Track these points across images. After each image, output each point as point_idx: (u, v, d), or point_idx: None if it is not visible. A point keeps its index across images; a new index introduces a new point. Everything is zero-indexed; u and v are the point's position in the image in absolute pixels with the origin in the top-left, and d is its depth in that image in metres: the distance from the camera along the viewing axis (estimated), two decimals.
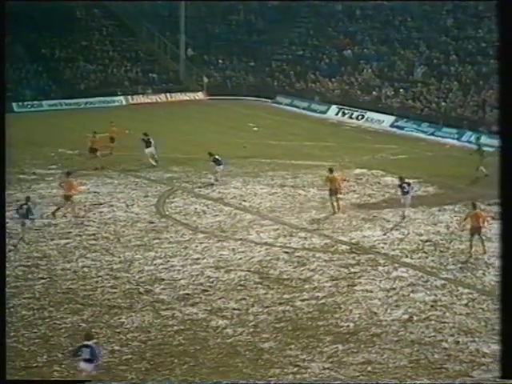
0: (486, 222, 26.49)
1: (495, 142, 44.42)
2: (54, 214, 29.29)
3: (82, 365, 17.66)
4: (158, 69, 61.70)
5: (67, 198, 29.48)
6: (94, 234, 27.79)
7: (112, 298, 22.56)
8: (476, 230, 26.33)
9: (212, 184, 34.40)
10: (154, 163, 36.72)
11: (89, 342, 17.80)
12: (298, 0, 64.59)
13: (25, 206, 26.91)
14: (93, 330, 20.25)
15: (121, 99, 57.17)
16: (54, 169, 35.88)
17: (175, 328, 20.71)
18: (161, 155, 37.60)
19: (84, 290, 23.02)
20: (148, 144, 36.89)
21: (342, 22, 63.30)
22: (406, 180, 30.56)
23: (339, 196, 30.99)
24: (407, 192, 30.17)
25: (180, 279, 23.95)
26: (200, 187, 34.30)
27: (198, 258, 25.66)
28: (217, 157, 34.57)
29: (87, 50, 60.95)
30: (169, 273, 24.43)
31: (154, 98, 58.13)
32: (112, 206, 31.22)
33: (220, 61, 63.21)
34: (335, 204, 30.70)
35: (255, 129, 47.45)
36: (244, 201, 32.36)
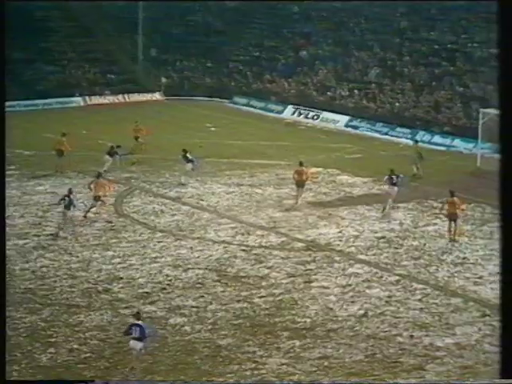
0: (461, 209, 27.83)
1: (448, 141, 45.41)
2: (85, 215, 29.38)
3: (132, 343, 18.51)
4: (116, 70, 61.51)
5: (96, 198, 29.61)
6: (51, 234, 27.80)
7: (70, 297, 22.65)
8: (453, 216, 27.65)
9: (183, 184, 34.51)
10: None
11: (138, 322, 18.53)
12: (254, 0, 64.79)
13: (67, 198, 27.74)
14: (51, 329, 20.40)
15: (79, 100, 56.90)
16: (12, 170, 35.75)
17: None
18: None
19: (42, 290, 23.07)
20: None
21: (297, 23, 63.67)
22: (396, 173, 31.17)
23: (304, 189, 31.84)
24: (395, 184, 30.84)
25: (138, 278, 24.11)
26: (158, 186, 34.43)
27: (156, 257, 25.84)
28: (187, 155, 34.68)
29: (45, 51, 60.56)
30: (127, 271, 24.57)
31: (111, 99, 57.96)
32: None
33: (178, 61, 63.20)
34: (298, 196, 31.48)
35: (212, 129, 47.63)
36: (201, 200, 32.57)
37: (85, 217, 29.29)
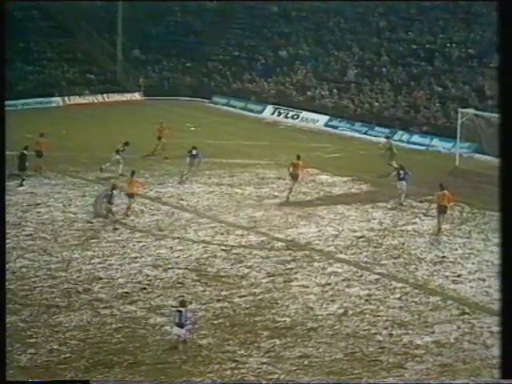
0: (451, 202, 28.58)
1: (426, 141, 45.67)
2: (126, 213, 29.79)
3: (175, 329, 19.21)
4: (96, 70, 61.33)
5: (130, 196, 29.94)
6: (31, 235, 27.73)
7: (50, 297, 22.59)
8: (442, 209, 28.31)
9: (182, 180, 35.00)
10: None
11: (181, 308, 19.18)
12: (234, 0, 64.84)
13: (109, 193, 28.94)
14: (31, 330, 20.34)
15: (58, 100, 56.69)
16: None
17: (114, 326, 20.84)
18: (98, 155, 37.53)
19: (22, 290, 22.99)
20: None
21: (277, 23, 63.79)
22: (404, 169, 32.43)
23: (297, 182, 32.80)
24: (403, 178, 31.99)
25: (118, 278, 24.09)
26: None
27: (135, 257, 25.82)
28: (193, 151, 35.28)
29: (25, 51, 60.27)
30: (107, 271, 24.54)
31: (91, 99, 57.81)
32: (49, 206, 31.12)
33: (157, 61, 63.14)
34: (292, 189, 32.44)
35: (192, 128, 47.62)
36: (181, 199, 32.58)
37: (127, 215, 29.75)
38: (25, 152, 34.34)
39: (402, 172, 32.29)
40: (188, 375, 18.44)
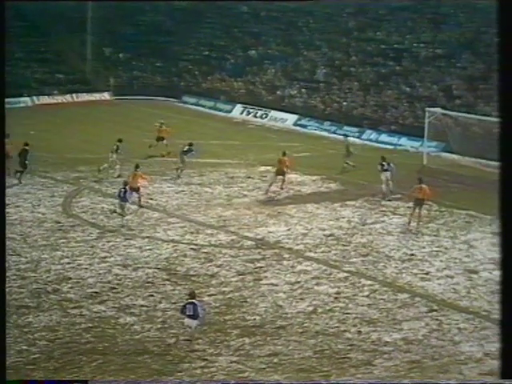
0: (428, 196, 29.13)
1: (394, 140, 45.99)
2: (140, 205, 30.49)
3: (187, 321, 19.56)
4: (65, 69, 61.02)
5: (135, 190, 30.15)
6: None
7: (19, 297, 22.47)
8: (419, 202, 28.86)
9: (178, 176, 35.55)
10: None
11: (193, 300, 19.50)
12: (204, 0, 64.82)
13: (123, 190, 29.14)
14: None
15: (26, 100, 56.35)
16: None
17: (83, 326, 20.78)
18: (68, 155, 37.42)
19: None
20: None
21: (247, 23, 63.91)
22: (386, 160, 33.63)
23: (283, 177, 33.61)
24: (386, 169, 33.06)
25: (87, 277, 24.02)
26: (107, 186, 34.28)
27: (105, 257, 25.76)
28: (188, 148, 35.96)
29: None
30: (76, 271, 24.46)
31: (60, 99, 57.50)
32: (18, 206, 30.94)
33: (127, 61, 62.96)
34: (279, 183, 33.39)
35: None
36: (151, 199, 32.51)
37: (141, 206, 30.46)
38: None
39: (385, 163, 33.24)
40: (158, 374, 18.42)
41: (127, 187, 29.40)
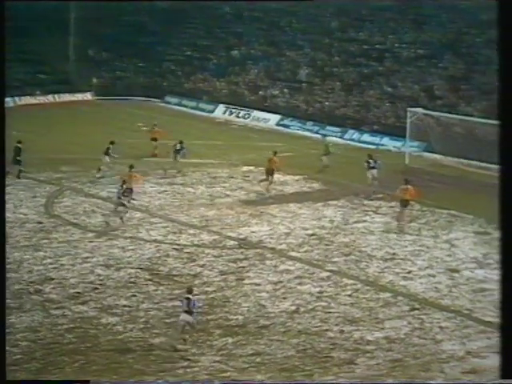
0: (414, 197, 29.34)
1: (377, 139, 46.14)
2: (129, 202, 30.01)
3: (183, 316, 19.69)
4: (47, 70, 60.81)
5: (130, 189, 30.07)
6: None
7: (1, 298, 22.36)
8: (405, 202, 29.05)
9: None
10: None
11: (189, 295, 19.68)
12: (187, 0, 64.75)
13: (120, 188, 29.50)
14: None
15: (8, 101, 56.05)
16: None
17: (65, 326, 20.71)
18: (49, 156, 37.29)
19: None
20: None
21: (230, 23, 63.94)
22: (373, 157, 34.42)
23: (272, 176, 33.84)
24: (373, 167, 33.63)
25: (70, 278, 23.94)
26: (90, 187, 34.22)
27: (87, 257, 25.68)
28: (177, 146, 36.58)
29: None
30: (58, 272, 24.38)
31: (42, 100, 57.29)
32: None
33: (110, 62, 62.84)
34: (267, 183, 33.58)
35: (144, 128, 47.40)
36: (133, 199, 32.37)
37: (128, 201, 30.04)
38: None
39: (371, 161, 33.71)
40: (140, 374, 18.40)
41: (125, 186, 29.57)
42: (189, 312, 19.68)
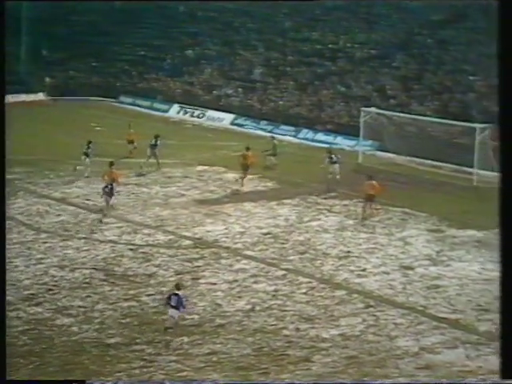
0: (378, 192, 30.07)
1: (330, 138, 46.37)
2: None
3: (171, 311, 20.20)
4: None
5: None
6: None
7: None
8: (370, 197, 30.05)
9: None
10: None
11: (178, 292, 20.17)
12: (141, 0, 64.47)
13: (109, 186, 29.70)
14: None
15: None
16: None
17: (20, 328, 20.53)
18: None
19: None
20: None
21: (184, 23, 63.79)
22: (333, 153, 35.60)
23: (248, 172, 34.39)
24: (335, 162, 34.78)
25: (24, 279, 23.74)
26: (43, 187, 33.94)
27: (41, 258, 25.48)
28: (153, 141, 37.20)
29: None
30: (12, 273, 24.06)
31: None
32: None
33: (63, 61, 62.27)
34: (243, 178, 34.18)
35: (98, 128, 47.16)
36: (87, 200, 32.28)
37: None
38: None
39: (333, 156, 34.70)
40: (96, 375, 18.30)
41: (114, 184, 29.92)
42: (176, 307, 20.08)
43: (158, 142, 37.56)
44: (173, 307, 20.11)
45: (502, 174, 12.61)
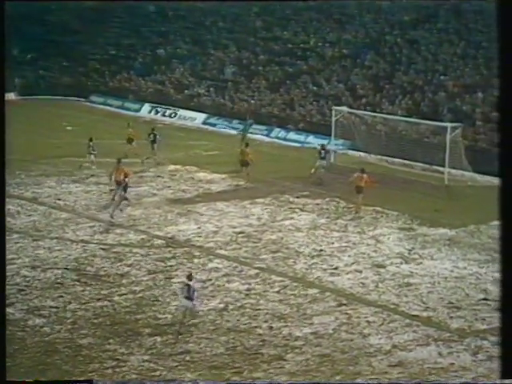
0: (368, 184, 30.68)
1: (302, 138, 46.48)
2: (113, 199, 30.85)
3: (184, 302, 20.43)
4: None
5: (118, 183, 30.33)
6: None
7: None
8: (359, 189, 30.70)
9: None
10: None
11: (190, 282, 20.36)
12: (112, 0, 64.26)
13: (123, 181, 30.24)
14: None
15: None
16: None
17: None
18: None
19: None
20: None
21: (155, 22, 63.69)
22: (325, 148, 36.62)
23: (249, 168, 34.92)
24: (324, 158, 35.60)
25: None
26: (14, 187, 33.67)
27: (12, 258, 25.24)
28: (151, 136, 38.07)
29: None
30: None
31: None
32: None
33: (33, 61, 61.88)
34: (245, 174, 34.88)
35: (69, 128, 46.95)
36: (59, 199, 32.11)
37: (126, 198, 30.52)
38: None
39: (323, 152, 35.59)
40: (68, 375, 18.23)
41: (127, 179, 30.28)
42: (189, 298, 20.20)
43: (158, 137, 38.28)
44: (186, 298, 20.31)
45: (502, 174, 12.69)
